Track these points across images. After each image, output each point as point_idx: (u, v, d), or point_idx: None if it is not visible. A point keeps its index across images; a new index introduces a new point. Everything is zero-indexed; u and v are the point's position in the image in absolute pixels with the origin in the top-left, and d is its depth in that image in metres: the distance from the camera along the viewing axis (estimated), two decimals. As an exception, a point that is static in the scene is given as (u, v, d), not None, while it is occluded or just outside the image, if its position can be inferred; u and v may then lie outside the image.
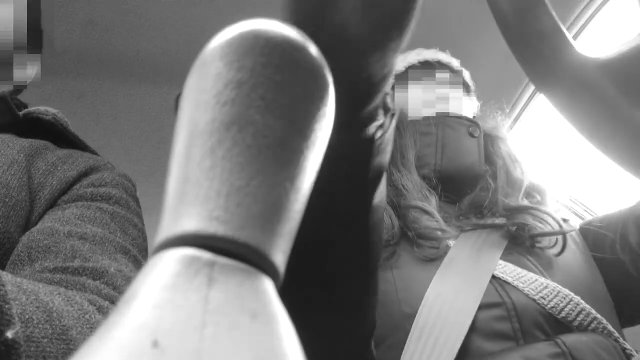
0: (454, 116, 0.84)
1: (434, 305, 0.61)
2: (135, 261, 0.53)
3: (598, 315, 0.62)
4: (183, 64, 1.30)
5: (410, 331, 0.60)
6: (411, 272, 0.67)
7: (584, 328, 0.61)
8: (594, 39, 1.26)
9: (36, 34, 0.67)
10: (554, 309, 0.62)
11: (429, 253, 0.69)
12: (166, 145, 1.54)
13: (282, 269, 0.19)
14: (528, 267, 0.67)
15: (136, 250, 0.55)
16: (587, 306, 0.62)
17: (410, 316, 0.62)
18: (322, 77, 0.21)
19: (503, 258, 0.68)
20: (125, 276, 0.48)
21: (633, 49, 0.41)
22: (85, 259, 0.47)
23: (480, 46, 1.28)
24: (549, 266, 0.68)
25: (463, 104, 0.89)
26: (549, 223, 0.72)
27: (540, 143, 1.43)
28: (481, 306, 0.61)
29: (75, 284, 0.43)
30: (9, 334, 0.30)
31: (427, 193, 0.76)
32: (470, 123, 0.83)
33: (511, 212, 0.74)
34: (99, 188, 0.58)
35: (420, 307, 0.62)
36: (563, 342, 0.56)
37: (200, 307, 0.15)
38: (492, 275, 0.65)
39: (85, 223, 0.52)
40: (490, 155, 0.84)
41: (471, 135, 0.82)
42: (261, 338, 0.15)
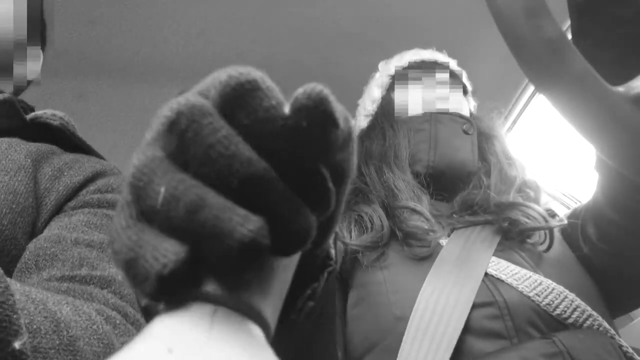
0: (447, 113, 0.84)
1: (428, 304, 0.61)
2: None
3: (594, 312, 0.62)
4: (183, 64, 1.30)
5: (406, 330, 0.60)
6: (402, 273, 0.67)
7: (579, 325, 0.61)
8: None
9: (36, 26, 0.66)
10: (549, 306, 0.61)
11: (419, 252, 0.69)
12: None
13: (271, 321, 0.22)
14: (520, 263, 0.67)
15: None
16: (582, 303, 0.62)
17: (402, 319, 0.62)
18: None
19: (495, 254, 0.68)
20: None
21: None
22: (92, 267, 0.47)
23: (479, 47, 1.28)
24: (540, 262, 0.68)
25: (462, 105, 0.89)
26: (536, 218, 0.72)
27: (540, 143, 1.43)
28: (473, 305, 0.61)
29: (83, 293, 0.43)
30: (17, 345, 0.30)
31: (420, 192, 0.76)
32: (465, 120, 0.84)
33: (500, 208, 0.74)
34: (106, 194, 0.58)
35: (415, 306, 0.62)
36: (560, 341, 0.56)
37: (205, 332, 0.19)
38: (485, 273, 0.65)
39: (92, 230, 0.52)
40: (485, 153, 0.84)
41: (465, 132, 0.82)
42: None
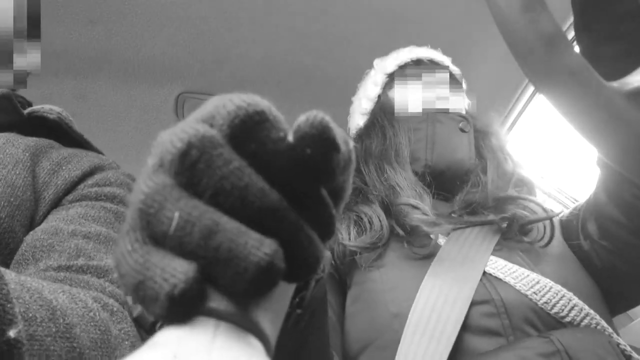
0: (444, 112, 0.85)
1: (428, 301, 0.61)
2: None
3: (591, 311, 0.62)
4: (183, 64, 1.30)
5: (405, 327, 0.60)
6: (398, 272, 0.67)
7: (577, 324, 0.61)
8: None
9: (36, 20, 0.67)
10: (547, 304, 0.61)
11: (419, 250, 0.69)
12: (166, 146, 1.54)
13: (272, 337, 0.23)
14: (518, 262, 0.67)
15: None
16: (580, 302, 0.62)
17: (398, 316, 0.62)
18: None
19: (493, 254, 0.68)
20: None
21: None
22: (89, 258, 0.47)
23: (479, 47, 1.28)
24: (538, 261, 0.68)
25: (462, 105, 0.90)
26: (535, 211, 0.72)
27: (539, 143, 1.43)
28: (471, 303, 0.61)
29: (80, 282, 0.43)
30: (12, 333, 0.30)
31: (421, 190, 0.76)
32: (461, 118, 0.84)
33: (499, 203, 0.75)
34: (104, 187, 0.58)
35: (414, 303, 0.62)
36: (558, 340, 0.56)
37: (208, 342, 0.20)
38: (483, 272, 0.65)
39: (89, 222, 0.52)
40: (481, 150, 0.84)
41: (462, 130, 0.82)
42: None
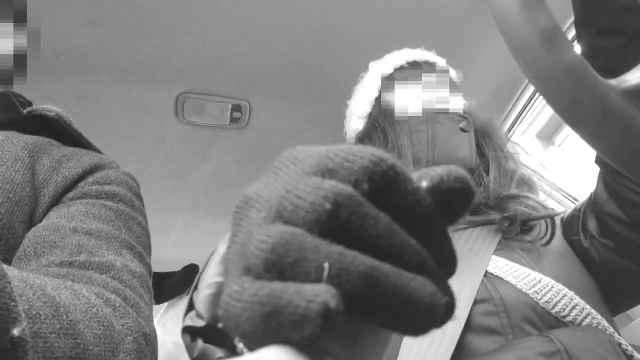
0: (444, 112, 0.85)
1: None
2: (141, 258, 0.53)
3: (592, 310, 0.62)
4: (183, 64, 1.30)
5: None
6: None
7: (578, 323, 0.61)
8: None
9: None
10: (548, 303, 0.61)
11: None
12: (165, 145, 1.54)
13: None
14: (519, 261, 0.67)
15: (140, 247, 0.55)
16: (582, 301, 0.62)
17: None
18: None
19: (494, 253, 0.68)
20: (131, 271, 0.48)
21: None
22: (91, 254, 0.47)
23: (479, 46, 1.28)
24: (539, 259, 0.69)
25: (461, 105, 0.90)
26: (537, 209, 0.73)
27: (539, 142, 1.43)
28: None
29: (82, 278, 0.43)
30: (15, 332, 0.30)
31: None
32: (461, 118, 0.84)
33: (502, 201, 0.75)
34: (104, 186, 0.58)
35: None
36: (559, 339, 0.56)
37: None
38: (485, 271, 0.65)
39: (90, 219, 0.52)
40: (482, 149, 0.85)
41: (462, 130, 0.83)
42: None
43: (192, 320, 0.65)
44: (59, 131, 0.67)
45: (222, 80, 1.36)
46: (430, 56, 0.96)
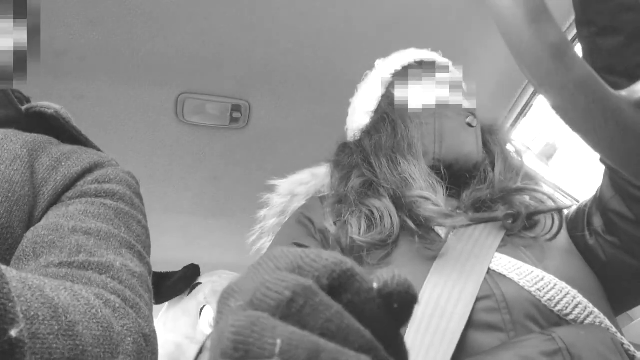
0: (452, 106, 0.85)
1: (431, 298, 0.61)
2: (140, 257, 0.53)
3: (595, 309, 0.62)
4: (183, 64, 1.30)
5: (409, 325, 0.60)
6: (405, 270, 0.67)
7: (580, 322, 0.61)
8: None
9: None
10: (550, 301, 0.61)
11: (431, 246, 0.68)
12: (165, 146, 1.53)
13: None
14: (522, 259, 0.67)
15: (140, 246, 0.54)
16: (584, 300, 0.62)
17: None
18: None
19: (498, 250, 0.68)
20: (130, 271, 0.48)
21: None
22: (90, 254, 0.47)
23: (480, 46, 1.28)
24: (542, 257, 0.68)
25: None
26: (543, 201, 0.73)
27: (540, 142, 1.43)
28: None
29: (81, 279, 0.43)
30: (13, 333, 0.30)
31: (435, 182, 0.76)
32: (468, 113, 0.84)
33: (508, 193, 0.75)
34: (103, 184, 0.58)
35: (419, 300, 0.61)
36: (560, 338, 0.56)
37: None
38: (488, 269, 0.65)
39: (89, 219, 0.52)
40: (488, 145, 0.85)
41: (469, 125, 0.83)
42: None
43: None
44: (58, 129, 0.67)
45: (222, 81, 1.36)
46: (439, 57, 0.96)
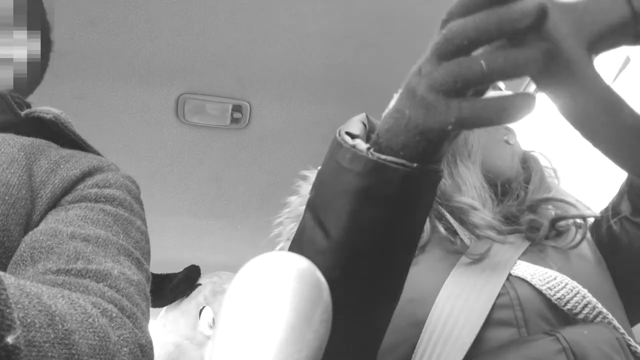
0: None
1: (444, 308, 0.62)
2: (138, 264, 0.53)
3: (604, 309, 0.62)
4: (183, 64, 1.30)
5: (423, 330, 0.61)
6: (426, 278, 0.67)
7: (589, 321, 0.62)
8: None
9: (22, 8, 0.62)
10: (560, 300, 0.62)
11: (458, 249, 0.68)
12: (166, 146, 1.54)
13: None
14: (540, 264, 0.67)
15: (139, 252, 0.54)
16: (594, 299, 0.62)
17: (415, 325, 0.62)
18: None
19: (520, 258, 0.68)
20: (128, 279, 0.48)
21: None
22: (88, 261, 0.46)
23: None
24: (560, 261, 0.68)
25: None
26: (567, 210, 0.73)
27: (540, 143, 1.43)
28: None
29: (79, 287, 0.43)
30: (10, 339, 0.30)
31: (487, 196, 0.74)
32: (506, 131, 0.83)
33: (536, 203, 0.75)
34: (103, 189, 0.58)
35: (433, 307, 0.62)
36: (564, 338, 0.56)
37: None
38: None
39: (88, 224, 0.51)
40: (528, 162, 0.84)
41: (507, 142, 0.82)
42: None
43: None
44: (57, 133, 0.67)
45: (223, 81, 1.36)
46: None
